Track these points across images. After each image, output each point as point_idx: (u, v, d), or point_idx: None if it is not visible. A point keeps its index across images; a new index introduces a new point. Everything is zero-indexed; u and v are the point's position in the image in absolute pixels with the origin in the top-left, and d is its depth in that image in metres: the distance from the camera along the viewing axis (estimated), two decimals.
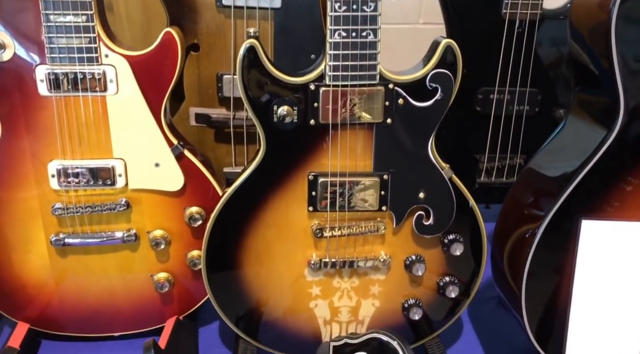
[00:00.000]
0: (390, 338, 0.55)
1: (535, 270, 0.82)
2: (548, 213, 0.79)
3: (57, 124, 0.88)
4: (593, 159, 0.77)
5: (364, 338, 0.56)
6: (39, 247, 0.95)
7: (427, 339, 0.96)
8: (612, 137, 0.76)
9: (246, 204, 0.86)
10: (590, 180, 0.78)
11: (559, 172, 0.83)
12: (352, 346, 0.57)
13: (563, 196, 0.78)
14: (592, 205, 0.79)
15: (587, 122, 0.83)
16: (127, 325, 1.04)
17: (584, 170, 0.78)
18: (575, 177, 0.78)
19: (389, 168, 0.85)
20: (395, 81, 0.81)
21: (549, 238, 0.81)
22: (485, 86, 1.29)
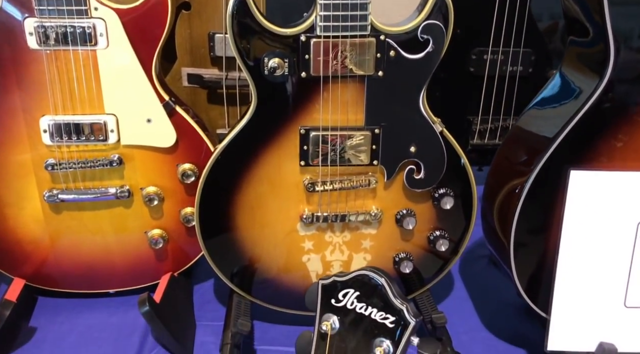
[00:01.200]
0: (377, 274, 0.56)
1: (524, 224, 0.83)
2: (537, 165, 0.80)
3: (47, 79, 0.88)
4: (582, 110, 0.77)
5: (352, 275, 0.57)
6: (33, 203, 0.96)
7: (417, 293, 0.98)
8: (602, 87, 0.76)
9: (238, 159, 0.87)
10: (580, 131, 0.78)
11: (548, 124, 0.83)
12: (341, 284, 0.58)
13: (552, 147, 0.79)
14: (581, 157, 0.79)
15: (577, 75, 0.83)
16: (123, 282, 1.05)
17: (573, 121, 0.78)
18: (564, 129, 0.78)
19: (380, 122, 0.85)
20: (386, 32, 0.80)
21: (537, 191, 0.81)
22: (479, 46, 1.28)
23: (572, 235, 0.81)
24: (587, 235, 0.81)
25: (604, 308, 0.84)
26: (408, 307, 0.55)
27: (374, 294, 0.56)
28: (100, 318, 1.03)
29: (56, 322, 1.02)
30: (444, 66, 1.29)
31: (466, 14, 1.26)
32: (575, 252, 0.82)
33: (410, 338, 0.55)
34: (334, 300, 0.58)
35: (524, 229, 0.84)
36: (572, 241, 0.81)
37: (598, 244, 0.82)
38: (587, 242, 0.82)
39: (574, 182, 0.79)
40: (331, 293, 0.59)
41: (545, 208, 0.83)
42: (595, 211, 0.80)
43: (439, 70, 1.30)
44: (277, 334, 1.01)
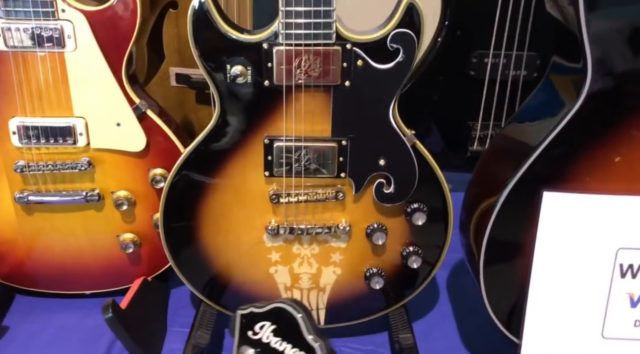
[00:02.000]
0: (294, 308, 0.53)
1: (495, 245, 0.79)
2: (509, 183, 0.75)
3: (15, 80, 0.87)
4: (559, 126, 0.72)
5: (269, 307, 0.54)
6: (6, 204, 0.96)
7: (390, 309, 0.94)
8: (579, 102, 0.70)
9: (203, 166, 0.84)
10: (556, 148, 0.73)
11: (525, 138, 0.78)
12: (258, 316, 0.55)
13: (526, 165, 0.74)
14: (558, 176, 0.74)
15: (557, 87, 0.77)
16: (97, 284, 1.05)
17: (550, 137, 0.73)
18: (540, 145, 0.73)
19: (347, 133, 0.81)
20: (353, 41, 0.76)
21: (509, 210, 0.77)
22: (480, 49, 1.23)
23: (545, 260, 0.77)
24: (562, 260, 0.76)
25: (580, 338, 0.79)
26: (322, 345, 0.51)
27: (289, 329, 0.53)
28: (73, 319, 1.03)
29: (29, 321, 1.03)
30: (442, 69, 1.26)
31: (466, 15, 1.21)
32: (549, 278, 0.77)
33: None
34: (251, 332, 0.56)
35: (496, 251, 0.80)
36: (545, 266, 0.77)
37: (574, 270, 0.77)
38: (561, 268, 0.77)
39: (547, 204, 0.74)
40: (249, 323, 0.56)
41: (519, 229, 0.78)
42: (570, 235, 0.75)
43: (437, 73, 1.27)
44: None
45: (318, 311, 0.95)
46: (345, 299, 0.94)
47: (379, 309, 0.95)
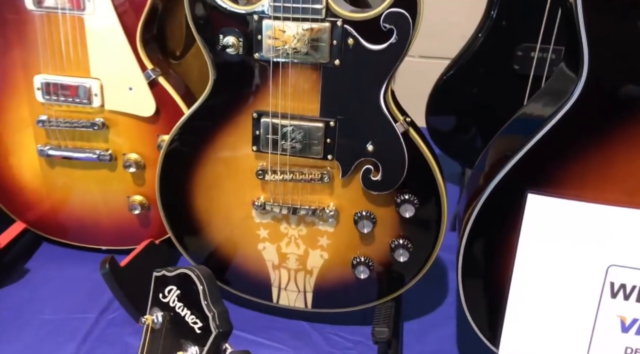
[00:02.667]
0: (197, 276, 0.52)
1: (475, 249, 0.73)
2: (492, 181, 0.69)
3: (40, 39, 0.92)
4: (550, 122, 0.65)
5: (177, 272, 0.53)
6: (31, 155, 1.03)
7: (377, 302, 0.91)
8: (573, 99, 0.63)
9: (196, 135, 0.86)
10: (546, 147, 0.66)
11: (518, 134, 0.72)
12: (168, 279, 0.55)
13: (512, 162, 0.68)
14: (544, 178, 0.68)
15: (557, 82, 0.70)
16: (111, 241, 1.10)
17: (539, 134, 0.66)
18: (528, 141, 0.67)
19: (336, 114, 0.79)
20: (344, 18, 0.74)
21: (491, 210, 0.71)
22: (527, 42, 1.14)
23: (527, 269, 0.70)
24: (546, 271, 0.70)
25: None
26: (215, 315, 0.50)
27: (191, 296, 0.53)
28: (84, 271, 1.09)
29: (46, 268, 1.10)
30: (483, 61, 1.19)
31: (513, 4, 1.13)
32: (531, 290, 0.71)
33: (219, 347, 0.51)
34: (161, 295, 0.56)
35: (475, 255, 0.74)
36: (527, 276, 0.70)
37: (558, 284, 0.70)
38: (545, 280, 0.70)
39: (532, 207, 0.68)
40: (160, 287, 0.56)
41: (501, 233, 0.72)
42: (557, 244, 0.68)
43: (478, 66, 1.20)
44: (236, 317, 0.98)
45: (305, 293, 0.94)
46: (332, 286, 0.92)
47: (365, 300, 0.92)
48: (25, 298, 1.03)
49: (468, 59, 1.19)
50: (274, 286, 0.94)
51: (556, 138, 0.66)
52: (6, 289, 1.04)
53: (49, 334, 0.95)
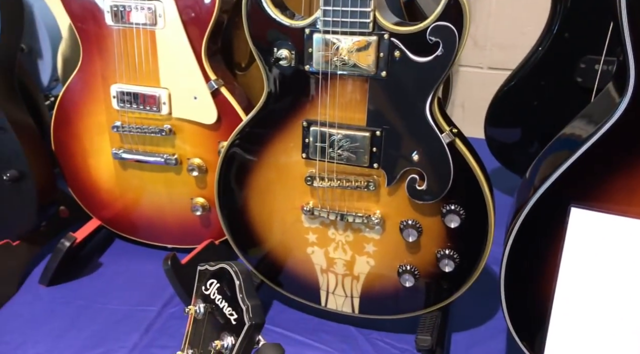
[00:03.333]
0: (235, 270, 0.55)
1: (517, 257, 0.73)
2: (535, 193, 0.69)
3: (117, 52, 1.01)
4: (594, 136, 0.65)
5: (218, 267, 0.57)
6: (107, 157, 1.12)
7: (423, 311, 0.92)
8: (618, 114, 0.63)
9: (251, 143, 0.90)
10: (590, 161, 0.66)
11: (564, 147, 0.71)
12: (210, 273, 0.59)
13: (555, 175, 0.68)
14: (589, 192, 0.67)
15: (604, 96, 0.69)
16: (175, 240, 1.17)
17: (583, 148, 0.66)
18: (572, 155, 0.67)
19: (382, 124, 0.81)
20: (391, 31, 0.76)
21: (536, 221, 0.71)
22: (590, 54, 1.12)
23: (571, 284, 0.69)
24: (591, 287, 0.69)
25: None
26: (249, 308, 0.53)
27: (229, 289, 0.56)
28: (150, 267, 1.17)
29: (117, 262, 1.19)
30: (545, 73, 1.17)
31: (577, 15, 1.11)
32: (575, 305, 0.70)
33: (252, 338, 0.54)
34: (204, 287, 0.60)
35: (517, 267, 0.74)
36: (570, 290, 0.70)
37: (603, 300, 0.68)
38: (589, 296, 0.69)
39: (575, 221, 0.67)
40: (203, 279, 0.60)
41: (545, 245, 0.72)
42: (601, 259, 0.67)
43: (538, 78, 1.18)
44: (286, 318, 1.03)
45: (352, 299, 0.96)
46: (379, 292, 0.94)
47: (411, 308, 0.93)
48: (97, 289, 1.11)
49: (528, 71, 1.18)
50: (322, 289, 0.97)
51: (600, 153, 0.65)
52: (81, 280, 1.14)
53: (116, 324, 1.03)
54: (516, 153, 1.25)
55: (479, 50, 1.71)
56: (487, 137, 1.28)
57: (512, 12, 1.63)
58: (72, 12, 1.02)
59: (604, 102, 0.70)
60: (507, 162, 1.28)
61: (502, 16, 1.64)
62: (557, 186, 0.68)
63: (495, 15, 1.65)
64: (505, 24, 1.65)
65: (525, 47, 1.22)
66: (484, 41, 1.69)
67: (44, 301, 1.07)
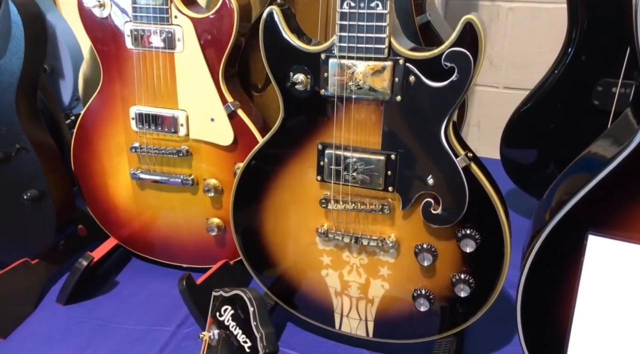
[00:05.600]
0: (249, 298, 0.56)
1: (534, 283, 0.72)
2: (553, 219, 0.69)
3: (135, 75, 1.03)
4: (612, 164, 0.64)
5: (232, 293, 0.58)
6: (125, 177, 1.13)
7: (438, 336, 0.91)
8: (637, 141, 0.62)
9: (267, 164, 0.91)
10: (607, 188, 0.65)
11: (582, 172, 0.71)
12: (224, 299, 0.59)
13: (573, 201, 0.67)
14: (606, 219, 0.66)
15: (623, 123, 0.69)
16: (191, 259, 1.18)
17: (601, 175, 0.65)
18: (589, 182, 0.66)
19: (397, 148, 0.81)
20: (406, 57, 0.77)
21: (553, 246, 0.70)
22: (607, 77, 1.12)
23: (589, 312, 0.68)
24: (608, 314, 0.68)
25: None
26: (263, 336, 0.54)
27: (243, 316, 0.56)
28: (166, 286, 1.17)
29: (133, 281, 1.20)
30: (562, 95, 1.17)
31: (594, 38, 1.11)
32: (592, 333, 0.69)
33: None
34: (218, 314, 0.60)
35: (534, 292, 0.73)
36: (588, 318, 0.69)
37: (622, 328, 0.67)
38: (607, 324, 0.68)
39: (593, 248, 0.66)
40: (218, 306, 0.60)
41: (560, 269, 0.71)
42: (619, 287, 0.66)
43: (555, 101, 1.18)
44: (300, 340, 1.03)
45: (367, 322, 0.96)
46: (393, 316, 0.93)
47: (426, 333, 0.92)
48: (113, 308, 1.12)
49: (545, 94, 1.17)
50: (336, 312, 0.96)
51: (618, 180, 0.64)
52: (97, 299, 1.15)
53: (131, 343, 1.03)
54: (532, 175, 1.25)
55: (495, 70, 1.71)
56: (503, 158, 1.28)
57: (527, 32, 1.63)
58: (93, 35, 1.04)
59: (622, 128, 0.69)
60: (522, 184, 1.27)
61: (517, 36, 1.65)
62: (574, 213, 0.67)
63: (510, 36, 1.66)
64: (520, 44, 1.65)
65: (541, 67, 1.22)
66: (500, 61, 1.69)
67: (61, 319, 1.08)
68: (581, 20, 1.11)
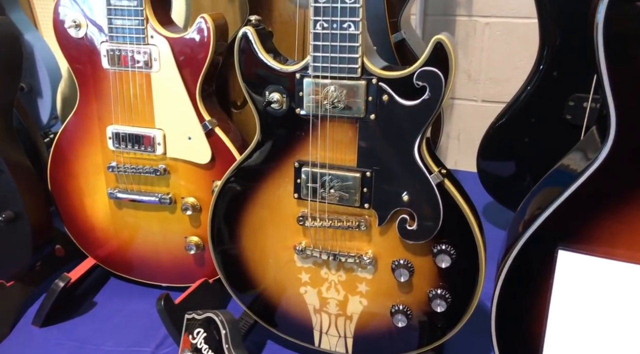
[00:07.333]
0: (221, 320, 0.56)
1: (508, 296, 0.73)
2: (524, 233, 0.70)
3: (112, 95, 1.03)
4: (580, 179, 0.66)
5: (204, 316, 0.58)
6: (102, 197, 1.13)
7: (415, 352, 0.91)
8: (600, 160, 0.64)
9: (244, 182, 0.91)
10: (579, 201, 0.67)
11: (552, 187, 0.72)
12: (197, 322, 0.59)
13: (543, 217, 0.69)
14: (576, 234, 0.67)
15: (589, 140, 0.70)
16: (170, 278, 1.17)
17: (568, 191, 0.67)
18: (558, 198, 0.68)
19: (373, 165, 0.82)
20: (379, 76, 0.78)
21: (524, 262, 0.71)
22: (579, 92, 1.14)
23: (561, 324, 0.69)
24: (580, 328, 0.69)
25: None
26: None
27: (215, 339, 0.56)
28: (145, 306, 1.16)
29: (112, 301, 1.19)
30: (535, 110, 1.19)
31: (565, 55, 1.14)
32: (565, 346, 0.70)
33: None
34: (191, 336, 0.60)
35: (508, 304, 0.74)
36: (560, 331, 0.70)
37: (593, 341, 0.68)
38: (579, 337, 0.69)
39: (563, 263, 0.67)
40: (190, 328, 0.60)
41: (534, 285, 0.72)
42: (590, 301, 0.67)
43: (528, 116, 1.20)
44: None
45: (346, 339, 0.96)
46: (372, 332, 0.93)
47: (405, 349, 0.93)
48: (91, 330, 1.11)
49: (519, 109, 1.19)
50: (315, 329, 0.96)
51: (584, 197, 0.66)
52: (75, 320, 1.14)
53: None
54: (508, 188, 1.26)
55: (473, 84, 1.74)
56: (480, 171, 1.29)
57: (503, 46, 1.66)
58: (69, 55, 1.04)
59: (588, 145, 0.71)
60: (499, 197, 1.29)
61: (494, 50, 1.68)
62: (544, 228, 0.69)
63: (487, 50, 1.68)
64: (497, 58, 1.68)
65: (518, 80, 1.24)
66: (478, 75, 1.72)
67: (38, 342, 1.07)
68: (552, 38, 1.13)
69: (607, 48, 0.60)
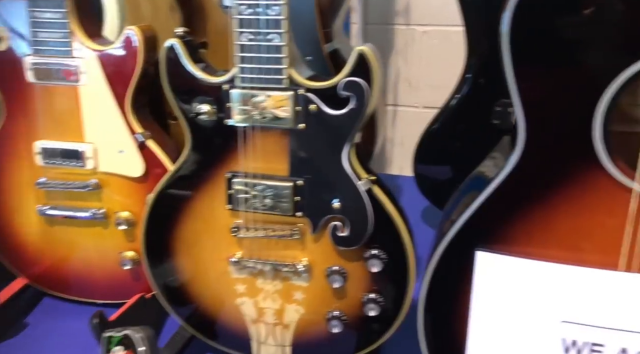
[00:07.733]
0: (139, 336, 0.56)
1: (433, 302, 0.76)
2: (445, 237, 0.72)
3: (39, 109, 1.00)
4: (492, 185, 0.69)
5: (123, 333, 0.57)
6: (32, 214, 1.09)
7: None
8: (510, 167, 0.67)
9: (177, 195, 0.91)
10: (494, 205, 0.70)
11: (472, 190, 0.75)
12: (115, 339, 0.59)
13: (461, 220, 0.71)
14: (494, 235, 0.70)
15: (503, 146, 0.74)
16: (106, 295, 1.15)
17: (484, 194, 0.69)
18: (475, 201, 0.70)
19: (304, 174, 0.83)
20: (306, 86, 0.79)
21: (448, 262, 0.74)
22: (504, 98, 1.18)
23: (482, 325, 0.72)
24: (501, 327, 0.71)
25: None
26: None
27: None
28: (81, 324, 1.12)
29: (45, 321, 1.15)
30: (464, 116, 1.23)
31: (489, 62, 1.18)
32: (487, 345, 0.72)
33: None
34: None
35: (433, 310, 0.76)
36: (482, 331, 0.72)
37: (514, 340, 0.71)
38: (500, 336, 0.72)
39: (481, 264, 0.70)
40: (108, 347, 0.60)
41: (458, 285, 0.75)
42: (509, 300, 0.70)
43: (458, 122, 1.24)
44: None
45: (284, 348, 0.96)
46: (310, 340, 0.94)
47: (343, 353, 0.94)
48: (25, 352, 1.07)
49: (449, 115, 1.23)
50: (253, 340, 0.96)
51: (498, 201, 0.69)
52: (8, 343, 1.09)
53: None
54: (443, 192, 1.29)
55: (414, 91, 1.78)
56: (416, 175, 1.33)
57: (440, 54, 1.71)
58: None
59: (501, 152, 0.74)
60: (435, 201, 1.32)
61: (432, 58, 1.73)
62: (464, 231, 0.71)
63: (426, 58, 1.73)
64: (435, 65, 1.73)
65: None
66: (418, 82, 1.76)
67: None
68: (478, 46, 1.18)
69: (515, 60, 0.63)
